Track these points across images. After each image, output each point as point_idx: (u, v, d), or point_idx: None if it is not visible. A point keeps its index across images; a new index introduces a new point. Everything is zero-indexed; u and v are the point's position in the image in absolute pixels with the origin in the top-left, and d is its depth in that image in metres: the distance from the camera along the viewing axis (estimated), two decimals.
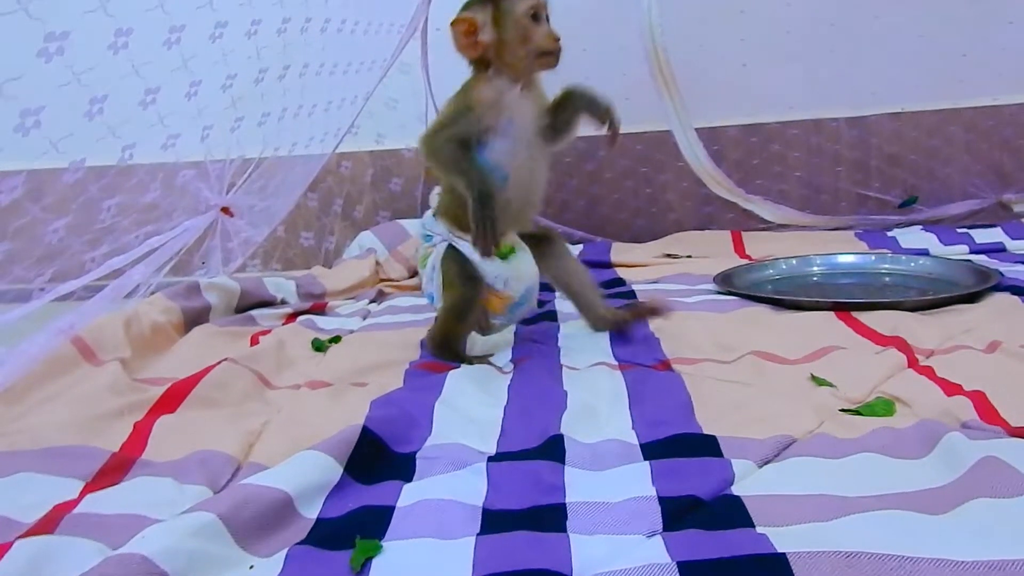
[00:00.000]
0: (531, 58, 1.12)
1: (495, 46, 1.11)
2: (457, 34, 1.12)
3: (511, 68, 1.13)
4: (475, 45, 1.11)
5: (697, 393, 1.01)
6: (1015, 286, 1.40)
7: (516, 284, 1.18)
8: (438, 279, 1.19)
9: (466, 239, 1.14)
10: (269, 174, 1.76)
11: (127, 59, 1.14)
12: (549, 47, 1.12)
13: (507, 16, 1.10)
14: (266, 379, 1.19)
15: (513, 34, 1.10)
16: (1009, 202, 2.12)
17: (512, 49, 1.11)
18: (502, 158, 1.14)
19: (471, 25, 1.10)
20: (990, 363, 1.04)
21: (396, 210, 2.30)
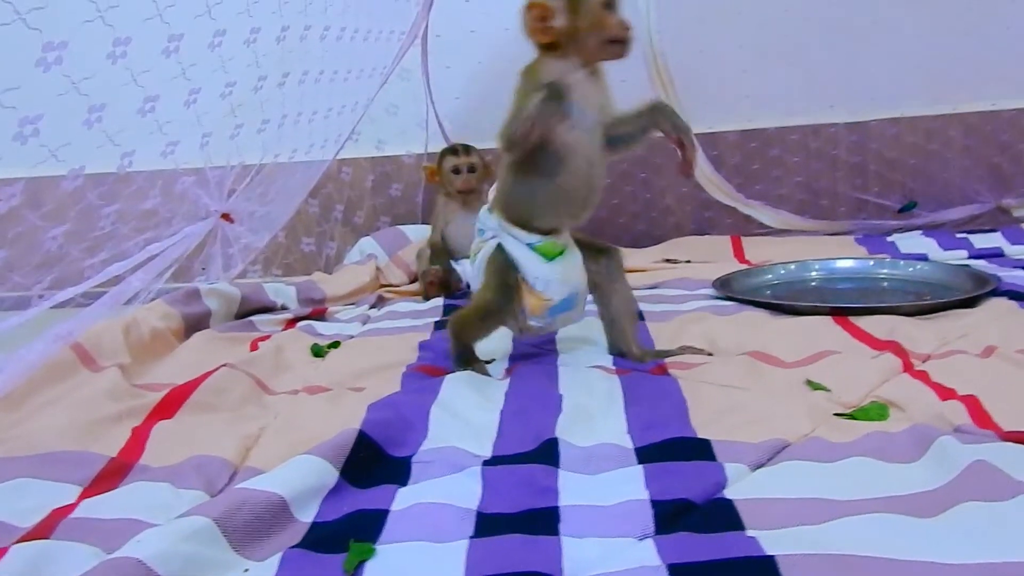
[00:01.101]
0: (602, 46, 1.09)
1: (567, 32, 1.08)
2: (529, 18, 1.09)
3: (580, 55, 1.10)
4: (547, 30, 1.08)
5: (692, 397, 1.01)
6: (1013, 291, 1.40)
7: (558, 288, 1.14)
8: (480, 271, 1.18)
9: (518, 233, 1.14)
10: (269, 180, 1.77)
11: (126, 68, 1.15)
12: (621, 35, 1.09)
13: (582, 3, 1.08)
14: (264, 384, 1.20)
15: (586, 21, 1.08)
16: (1008, 207, 2.12)
17: (584, 36, 1.08)
18: (566, 143, 1.10)
19: (545, 10, 1.08)
20: (985, 368, 1.04)
21: (396, 216, 2.31)
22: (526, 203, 1.14)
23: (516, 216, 1.14)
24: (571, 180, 1.12)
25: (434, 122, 2.29)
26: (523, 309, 1.15)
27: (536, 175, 1.12)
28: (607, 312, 1.25)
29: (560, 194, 1.12)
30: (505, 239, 1.15)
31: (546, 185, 1.12)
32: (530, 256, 1.14)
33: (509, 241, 1.15)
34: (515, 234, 1.14)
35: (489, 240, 1.17)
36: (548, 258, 1.14)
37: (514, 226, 1.15)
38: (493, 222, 1.17)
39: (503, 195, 1.17)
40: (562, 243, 1.17)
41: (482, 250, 1.18)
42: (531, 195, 1.13)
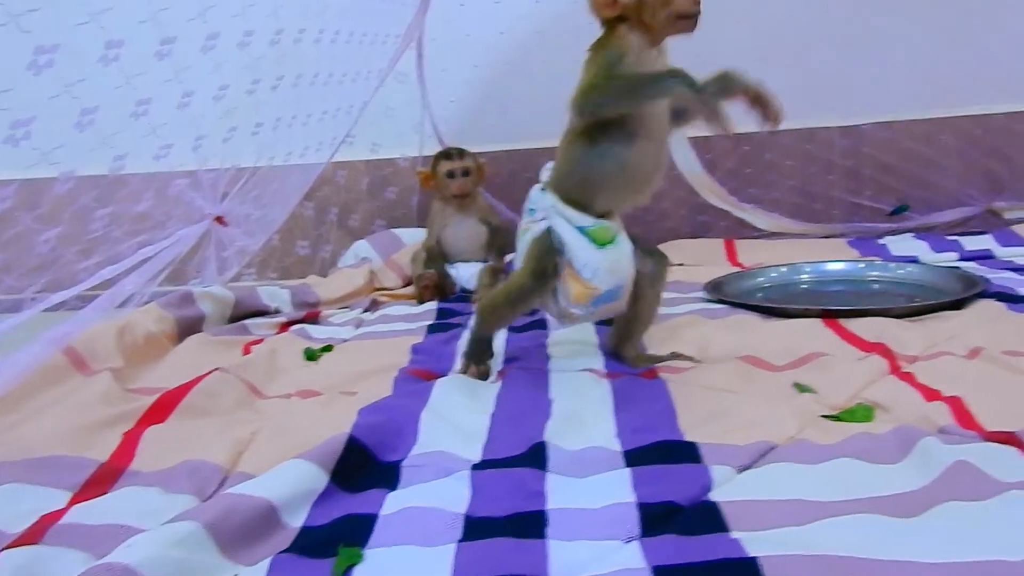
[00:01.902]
0: (670, 21, 1.05)
1: (634, 7, 1.05)
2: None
3: (647, 30, 1.06)
4: (613, 4, 1.05)
5: (681, 400, 1.02)
6: (1001, 293, 1.41)
7: (605, 277, 1.10)
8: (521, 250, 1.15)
9: (572, 215, 1.10)
10: (264, 183, 1.77)
11: (119, 71, 1.15)
12: (690, 10, 1.05)
13: None
14: (257, 388, 1.20)
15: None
16: (999, 209, 2.13)
17: (652, 10, 1.04)
18: (641, 117, 1.07)
19: None
20: (971, 369, 1.05)
21: (392, 219, 2.32)
22: (590, 179, 1.10)
23: (575, 194, 1.11)
24: (640, 156, 1.09)
25: (429, 125, 2.30)
26: (565, 296, 1.12)
27: (606, 149, 1.08)
28: (629, 312, 1.21)
29: (628, 170, 1.09)
30: (557, 221, 1.11)
31: (615, 160, 1.08)
32: (581, 241, 1.10)
33: (560, 223, 1.11)
34: (569, 215, 1.10)
35: (539, 221, 1.13)
36: (599, 244, 1.10)
37: (569, 207, 1.11)
38: (546, 201, 1.13)
39: (563, 172, 1.13)
40: (615, 229, 1.13)
41: (529, 231, 1.14)
42: (597, 170, 1.09)
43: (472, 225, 1.92)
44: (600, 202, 1.11)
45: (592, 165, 1.09)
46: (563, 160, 1.14)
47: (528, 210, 1.16)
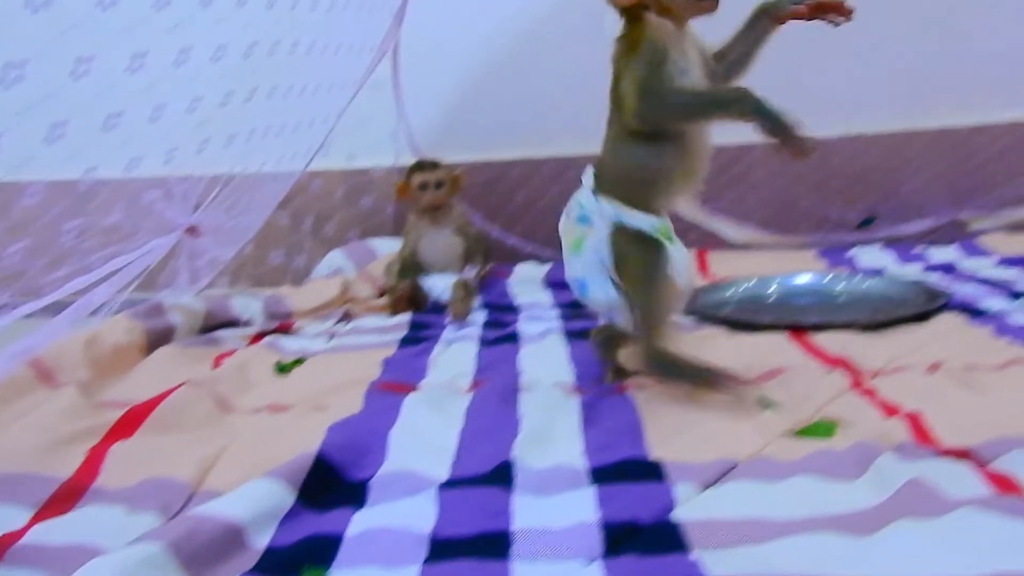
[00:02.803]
0: (691, 2, 1.03)
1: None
2: None
3: (669, 14, 1.03)
4: None
5: (648, 415, 1.03)
6: (963, 306, 1.44)
7: (684, 275, 1.07)
8: (608, 260, 1.07)
9: (636, 216, 1.05)
10: (238, 193, 1.77)
11: (89, 85, 1.15)
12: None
13: None
14: (226, 403, 1.20)
15: None
16: (964, 220, 2.17)
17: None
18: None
19: None
20: (930, 383, 1.07)
21: (366, 228, 2.32)
22: (648, 174, 1.06)
23: (631, 195, 1.06)
24: (695, 144, 1.06)
25: (405, 135, 2.31)
26: None
27: (663, 143, 1.05)
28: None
29: (686, 159, 1.06)
30: (627, 218, 1.05)
31: (674, 152, 1.05)
32: (650, 223, 1.05)
33: (629, 217, 1.05)
34: (633, 217, 1.05)
35: (596, 227, 1.07)
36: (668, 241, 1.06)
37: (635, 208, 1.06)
38: (604, 206, 1.07)
39: (616, 170, 1.08)
40: (671, 227, 1.09)
41: (590, 238, 1.08)
42: (656, 163, 1.05)
43: (448, 236, 1.93)
44: (659, 199, 1.08)
45: (647, 161, 1.05)
46: (615, 159, 1.09)
47: (578, 218, 1.10)
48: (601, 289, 1.09)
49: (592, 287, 1.10)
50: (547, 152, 2.27)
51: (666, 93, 1.02)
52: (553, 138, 2.25)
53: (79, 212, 1.36)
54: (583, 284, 1.12)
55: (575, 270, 1.12)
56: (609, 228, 1.07)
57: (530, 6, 2.14)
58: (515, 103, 2.23)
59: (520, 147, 2.28)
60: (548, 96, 2.18)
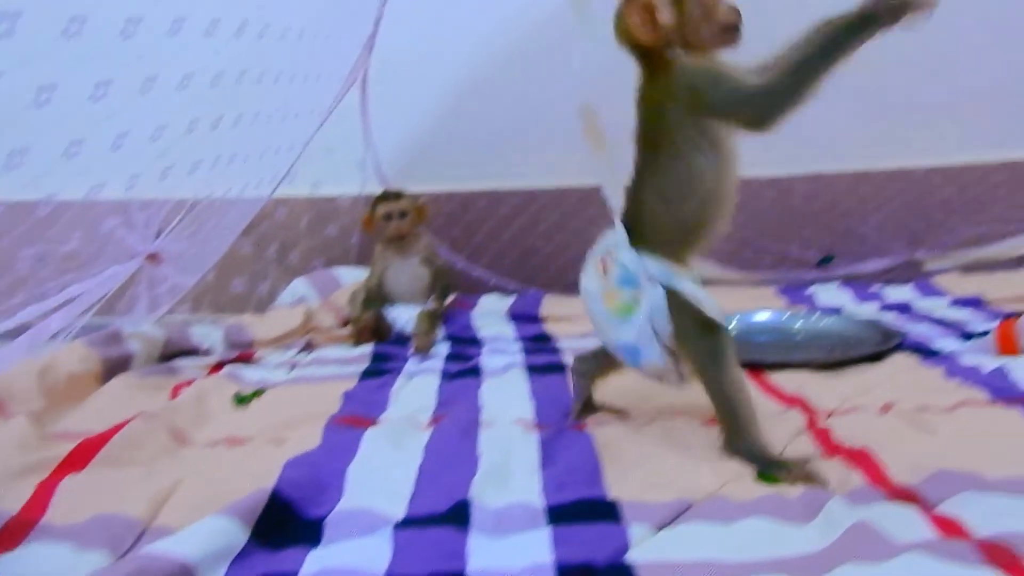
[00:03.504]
0: (715, 35, 1.01)
1: (676, 27, 1.00)
2: (631, 18, 1.00)
3: (693, 50, 1.01)
4: (654, 29, 0.99)
5: (607, 454, 1.04)
6: (917, 346, 1.47)
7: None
8: (663, 329, 1.02)
9: (680, 271, 1.02)
10: (201, 220, 1.76)
11: (51, 112, 1.14)
12: (733, 20, 1.01)
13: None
14: (182, 435, 1.18)
15: (696, 10, 1.00)
16: (920, 261, 2.22)
17: (695, 27, 1.00)
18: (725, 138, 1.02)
19: (649, 6, 0.99)
20: (883, 424, 1.09)
21: (331, 257, 2.31)
22: (699, 224, 1.03)
23: (677, 249, 1.04)
24: (733, 174, 1.03)
25: (372, 164, 2.31)
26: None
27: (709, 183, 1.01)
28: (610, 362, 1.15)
29: (729, 194, 1.03)
30: (679, 282, 1.02)
31: (719, 191, 1.02)
32: (703, 293, 1.02)
33: (684, 284, 1.02)
34: (679, 273, 1.03)
35: (646, 288, 1.03)
36: None
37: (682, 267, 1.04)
38: (656, 266, 1.03)
39: (662, 233, 1.04)
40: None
41: (644, 302, 1.03)
42: (707, 209, 1.02)
43: (414, 267, 1.94)
44: (696, 249, 1.05)
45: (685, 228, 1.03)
46: (660, 209, 1.04)
47: (621, 279, 1.05)
48: (656, 356, 1.04)
49: (647, 354, 1.04)
50: (513, 184, 2.29)
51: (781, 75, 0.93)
52: (519, 170, 2.28)
53: (37, 238, 1.34)
54: (635, 351, 1.05)
55: (626, 337, 1.05)
56: (663, 293, 1.02)
57: (497, 38, 2.16)
58: (482, 134, 2.25)
59: (486, 178, 2.30)
60: (514, 128, 2.20)
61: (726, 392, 1.02)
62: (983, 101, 2.09)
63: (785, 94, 0.93)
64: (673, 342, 1.03)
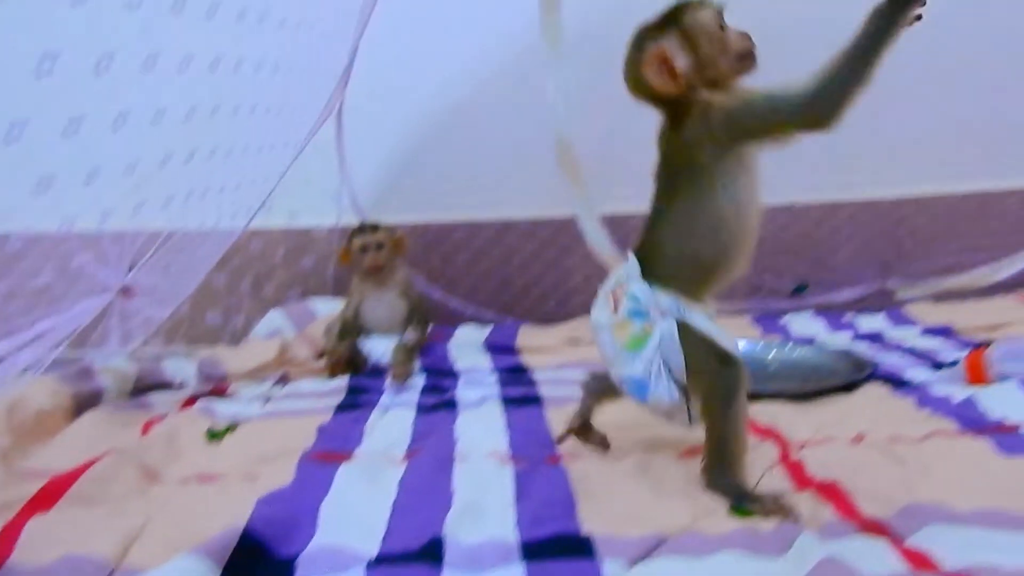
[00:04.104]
0: (733, 65, 1.00)
1: (695, 70, 0.99)
2: (650, 71, 0.99)
3: (715, 85, 1.00)
4: (673, 76, 0.98)
5: (582, 488, 1.04)
6: (888, 376, 1.49)
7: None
8: (675, 363, 1.01)
9: (696, 308, 1.02)
10: (175, 252, 1.74)
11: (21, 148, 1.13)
12: (747, 47, 1.00)
13: (697, 31, 0.99)
14: (153, 472, 1.17)
15: (710, 47, 0.99)
16: (892, 290, 2.25)
17: (713, 63, 0.99)
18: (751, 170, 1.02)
19: (664, 54, 0.98)
20: (854, 456, 1.10)
21: (307, 289, 2.31)
22: (716, 261, 1.02)
23: (693, 284, 1.03)
24: (755, 213, 1.03)
25: (348, 196, 2.31)
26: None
27: (730, 221, 1.00)
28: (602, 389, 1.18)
29: (750, 233, 1.03)
30: (691, 316, 1.01)
31: (740, 229, 1.01)
32: (717, 328, 1.01)
33: (696, 318, 1.01)
34: (694, 307, 1.02)
35: (657, 322, 1.02)
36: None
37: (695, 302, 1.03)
38: (667, 300, 1.02)
39: (676, 268, 1.03)
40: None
41: (654, 335, 1.01)
42: (725, 247, 1.01)
43: (392, 299, 1.93)
44: (715, 284, 1.05)
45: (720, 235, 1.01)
46: (678, 242, 1.03)
47: (632, 312, 1.03)
48: (666, 392, 1.02)
49: (656, 390, 1.02)
50: (489, 215, 2.30)
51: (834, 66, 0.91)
52: (495, 201, 2.29)
53: (7, 273, 1.32)
54: (643, 386, 1.03)
55: (634, 370, 1.03)
56: (674, 327, 1.01)
57: (473, 70, 2.18)
58: (457, 165, 2.26)
59: (462, 209, 2.31)
60: (490, 159, 2.22)
61: (726, 428, 1.01)
62: (950, 133, 2.14)
63: (844, 82, 0.91)
64: (684, 377, 1.01)
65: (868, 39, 0.90)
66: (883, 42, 0.90)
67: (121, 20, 1.10)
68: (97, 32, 1.09)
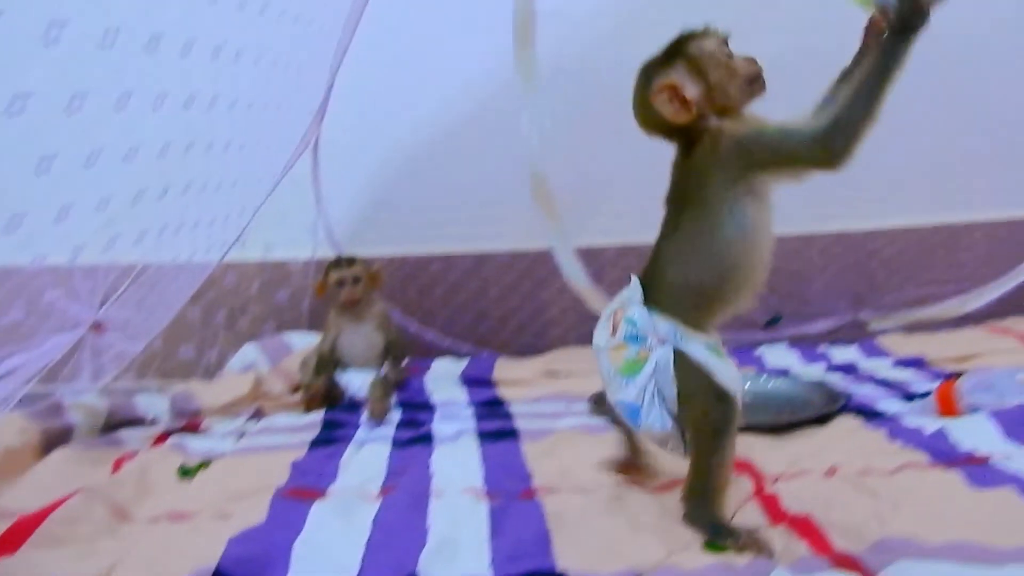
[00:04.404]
0: (743, 90, 1.01)
1: (705, 97, 1.00)
2: (663, 103, 0.99)
3: (726, 112, 1.01)
4: (685, 106, 0.99)
5: (557, 524, 1.04)
6: (861, 408, 1.50)
7: (740, 394, 1.02)
8: (668, 392, 1.00)
9: (695, 335, 1.01)
10: (148, 287, 1.73)
11: None
12: (755, 71, 1.01)
13: (705, 60, 1.00)
14: (124, 511, 1.15)
15: (718, 74, 1.00)
16: (865, 321, 2.28)
17: (723, 89, 1.00)
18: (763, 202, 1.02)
19: (674, 86, 0.99)
20: (827, 489, 1.11)
21: (283, 322, 2.29)
22: (718, 290, 1.01)
23: (694, 312, 1.02)
24: (765, 246, 1.03)
25: (323, 229, 2.31)
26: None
27: (734, 250, 1.00)
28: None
29: (757, 265, 1.03)
30: (688, 344, 1.00)
31: (745, 259, 1.01)
32: (715, 360, 1.00)
33: (693, 347, 1.00)
34: (694, 336, 1.01)
35: (654, 348, 1.01)
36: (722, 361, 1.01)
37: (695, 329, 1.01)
38: (666, 325, 1.01)
39: (682, 285, 1.02)
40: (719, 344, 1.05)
41: (649, 360, 1.01)
42: (727, 276, 1.01)
43: (369, 332, 1.93)
44: (719, 314, 1.04)
45: (710, 272, 1.01)
46: (681, 269, 1.03)
47: (629, 337, 1.03)
48: (658, 419, 1.01)
49: (648, 416, 1.02)
50: (465, 248, 2.31)
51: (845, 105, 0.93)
52: (471, 234, 2.29)
53: None
54: (635, 411, 1.03)
55: (627, 395, 1.03)
56: (670, 355, 1.00)
57: (449, 105, 2.20)
58: (433, 199, 2.27)
59: (438, 242, 2.32)
60: (466, 193, 2.23)
61: (711, 463, 1.00)
62: (919, 167, 2.18)
63: (855, 121, 0.92)
64: (676, 406, 1.00)
65: (876, 76, 0.92)
66: (891, 78, 0.92)
67: (93, 59, 1.10)
68: (69, 71, 1.08)
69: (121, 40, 1.12)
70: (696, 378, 0.99)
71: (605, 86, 2.16)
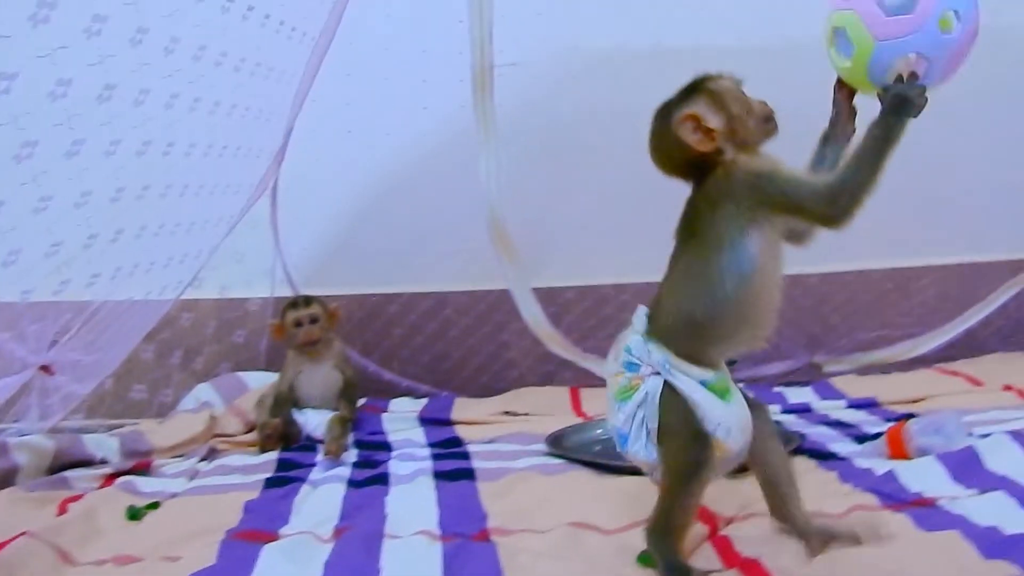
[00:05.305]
0: (759, 127, 1.04)
1: (726, 129, 1.02)
2: (687, 133, 1.01)
3: (744, 147, 1.03)
4: (708, 136, 1.01)
5: (510, 566, 1.03)
6: (814, 449, 1.52)
7: (737, 435, 1.01)
8: (651, 423, 1.00)
9: (689, 369, 1.00)
10: (100, 328, 1.71)
11: None
12: (769, 112, 1.04)
13: (724, 94, 1.03)
14: (68, 555, 1.13)
15: (737, 108, 1.02)
16: (819, 363, 2.32)
17: (742, 123, 1.02)
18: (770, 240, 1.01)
19: (697, 116, 1.01)
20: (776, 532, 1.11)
21: (239, 362, 2.26)
22: (710, 322, 1.00)
23: (689, 344, 1.01)
24: (767, 287, 1.02)
25: (281, 271, 2.30)
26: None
27: (728, 283, 0.99)
28: (767, 477, 1.11)
29: (755, 304, 1.01)
30: (676, 377, 1.00)
31: (741, 295, 0.99)
32: (708, 397, 0.99)
33: (681, 380, 1.00)
34: (686, 371, 1.00)
35: (647, 377, 1.01)
36: (723, 399, 1.01)
37: (687, 361, 1.01)
38: (659, 355, 1.01)
39: (676, 316, 1.02)
40: (729, 381, 1.04)
41: (641, 388, 1.01)
42: (720, 310, 1.00)
43: (327, 372, 1.92)
44: (718, 349, 1.03)
45: (710, 308, 1.00)
46: (674, 303, 1.03)
47: (626, 364, 1.03)
48: (643, 449, 1.02)
49: (633, 444, 1.02)
50: (424, 287, 2.31)
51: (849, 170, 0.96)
52: (430, 274, 2.30)
53: None
54: (623, 437, 1.03)
55: (617, 420, 1.04)
56: (659, 386, 1.00)
57: (408, 149, 2.21)
58: (393, 241, 2.27)
59: (398, 283, 2.32)
60: (424, 234, 2.24)
61: (678, 500, 1.00)
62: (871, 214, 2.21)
63: (859, 185, 0.95)
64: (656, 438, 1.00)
65: (874, 150, 0.96)
66: (888, 152, 0.96)
67: (45, 108, 1.09)
68: (21, 119, 1.07)
69: (73, 91, 1.11)
70: (677, 413, 1.00)
71: (562, 133, 2.22)
